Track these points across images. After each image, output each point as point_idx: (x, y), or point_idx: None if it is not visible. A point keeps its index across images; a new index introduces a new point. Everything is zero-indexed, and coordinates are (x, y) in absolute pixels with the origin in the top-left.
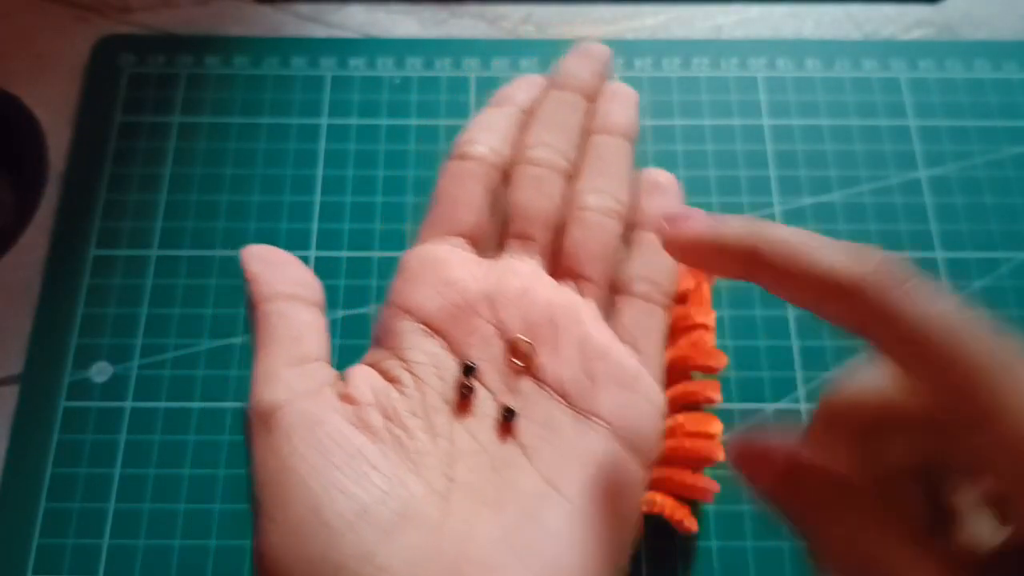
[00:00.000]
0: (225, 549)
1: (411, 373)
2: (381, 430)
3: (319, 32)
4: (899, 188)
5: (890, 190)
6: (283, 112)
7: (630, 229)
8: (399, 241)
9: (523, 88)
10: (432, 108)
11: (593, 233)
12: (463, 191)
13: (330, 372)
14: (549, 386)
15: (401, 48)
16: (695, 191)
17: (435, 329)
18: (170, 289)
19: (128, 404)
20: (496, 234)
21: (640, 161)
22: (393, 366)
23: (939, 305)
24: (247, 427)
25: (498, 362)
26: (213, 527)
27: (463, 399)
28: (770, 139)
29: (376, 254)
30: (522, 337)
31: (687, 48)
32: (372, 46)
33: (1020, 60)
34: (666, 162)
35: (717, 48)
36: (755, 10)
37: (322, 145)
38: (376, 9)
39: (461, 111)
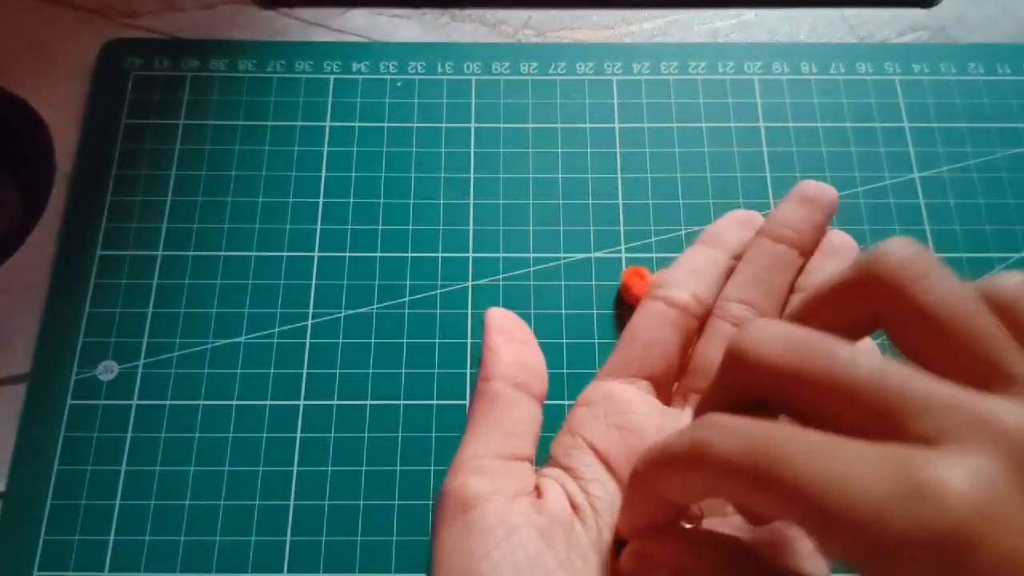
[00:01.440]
0: (229, 544)
1: (592, 507)
2: (565, 556)
3: (322, 36)
4: (893, 189)
5: (884, 191)
6: (287, 115)
7: None
8: (401, 242)
9: (735, 227)
10: (434, 111)
11: None
12: (661, 337)
13: (532, 477)
14: None
15: (403, 52)
16: (692, 193)
17: (612, 469)
18: (175, 289)
19: (134, 402)
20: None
21: (639, 162)
22: (576, 492)
23: (817, 469)
24: (439, 508)
25: None
26: (218, 523)
27: None
28: (766, 141)
29: (378, 254)
30: None
31: (684, 52)
32: (375, 50)
33: (1013, 63)
34: (664, 164)
35: (714, 52)
36: (751, 14)
37: (325, 147)
38: (378, 14)
39: (462, 114)
